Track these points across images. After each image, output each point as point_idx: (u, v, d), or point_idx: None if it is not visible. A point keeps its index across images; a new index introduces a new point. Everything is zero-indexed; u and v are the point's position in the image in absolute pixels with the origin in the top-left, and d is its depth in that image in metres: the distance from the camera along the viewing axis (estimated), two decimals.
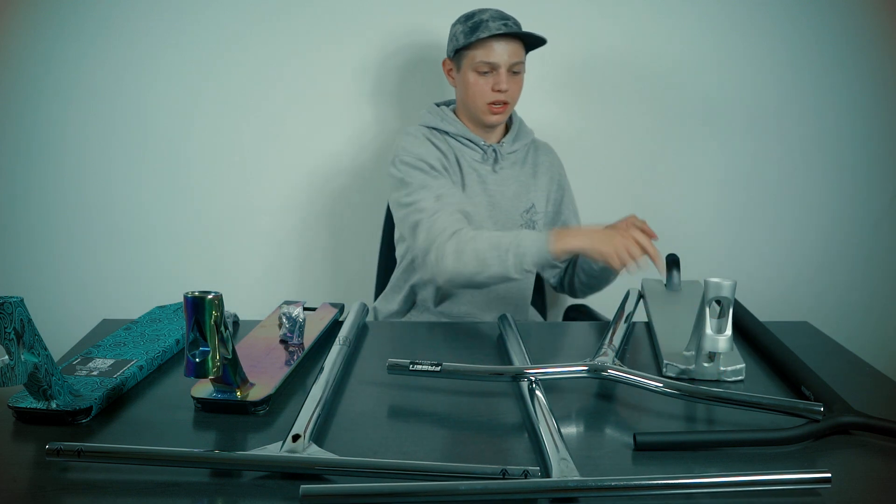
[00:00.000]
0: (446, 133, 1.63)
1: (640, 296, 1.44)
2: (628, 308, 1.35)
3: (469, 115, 1.63)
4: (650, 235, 1.34)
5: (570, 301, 1.79)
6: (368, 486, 0.79)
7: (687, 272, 1.50)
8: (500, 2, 1.63)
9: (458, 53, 1.59)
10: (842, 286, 2.18)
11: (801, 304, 2.13)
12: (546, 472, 0.83)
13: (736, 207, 2.14)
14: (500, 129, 1.67)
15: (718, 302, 1.08)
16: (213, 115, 2.04)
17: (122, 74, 1.98)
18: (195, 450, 0.86)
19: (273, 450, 0.85)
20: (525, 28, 1.57)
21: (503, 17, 1.55)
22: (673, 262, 1.49)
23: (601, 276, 1.61)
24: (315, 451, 0.85)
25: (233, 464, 0.84)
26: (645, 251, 1.31)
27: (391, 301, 1.71)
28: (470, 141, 1.62)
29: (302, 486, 0.75)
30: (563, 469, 0.81)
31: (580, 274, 1.66)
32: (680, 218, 2.13)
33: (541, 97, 2.04)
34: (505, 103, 1.58)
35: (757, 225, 2.15)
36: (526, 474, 0.78)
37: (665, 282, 1.48)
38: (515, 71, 1.57)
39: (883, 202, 2.14)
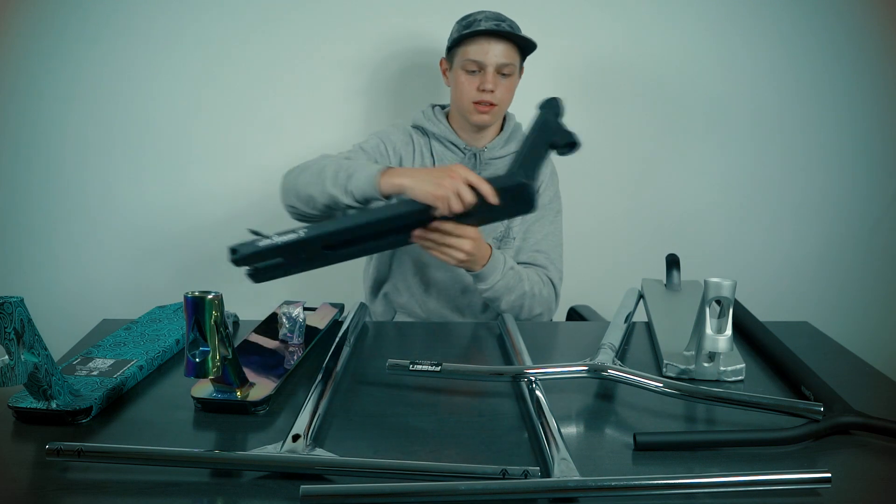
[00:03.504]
0: (430, 134, 1.62)
1: (640, 296, 1.43)
2: (628, 308, 1.35)
3: (459, 116, 1.61)
4: (480, 189, 1.23)
5: (572, 302, 1.79)
6: (368, 486, 0.79)
7: (687, 272, 1.50)
8: (501, 4, 1.63)
9: (450, 52, 1.58)
10: (842, 286, 2.18)
11: (801, 304, 2.13)
12: (546, 472, 0.83)
13: (736, 207, 2.14)
14: (492, 133, 1.63)
15: (718, 302, 1.07)
16: (213, 115, 2.03)
17: (122, 74, 1.98)
18: (195, 450, 0.86)
19: (273, 450, 0.85)
20: (526, 31, 1.56)
21: (498, 18, 1.54)
22: (673, 262, 1.48)
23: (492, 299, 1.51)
24: (315, 451, 0.85)
25: (233, 464, 0.84)
26: (478, 191, 1.22)
27: (373, 307, 1.71)
28: (451, 143, 1.61)
29: (302, 486, 0.75)
30: (563, 469, 0.81)
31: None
32: (680, 218, 2.13)
33: (541, 98, 2.03)
34: (492, 104, 1.54)
35: (757, 225, 2.15)
36: (526, 474, 0.78)
37: (665, 282, 1.48)
38: (505, 73, 1.53)
39: (883, 202, 2.14)
